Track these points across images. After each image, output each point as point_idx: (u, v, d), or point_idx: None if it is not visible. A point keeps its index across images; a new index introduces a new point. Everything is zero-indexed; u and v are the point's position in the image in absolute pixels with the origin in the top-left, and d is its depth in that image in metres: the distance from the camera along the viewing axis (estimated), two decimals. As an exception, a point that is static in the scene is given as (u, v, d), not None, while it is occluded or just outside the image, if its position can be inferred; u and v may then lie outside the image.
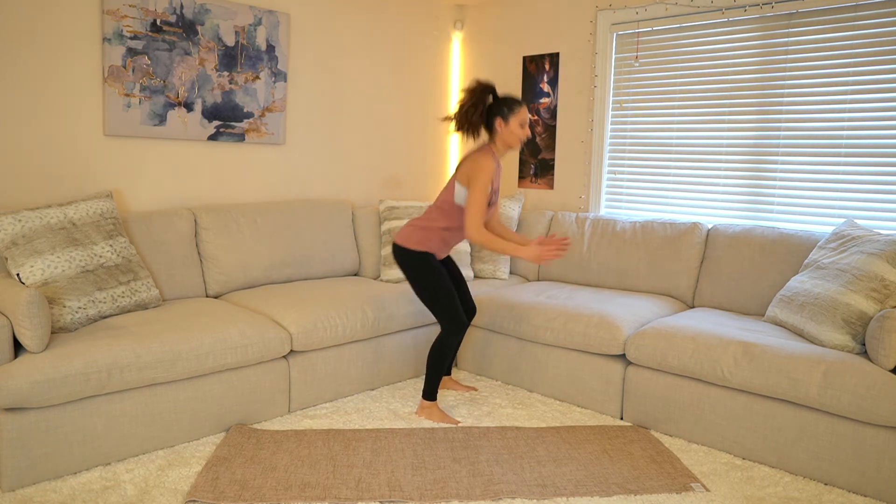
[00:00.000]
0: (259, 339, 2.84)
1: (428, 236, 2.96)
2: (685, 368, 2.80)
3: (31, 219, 2.67)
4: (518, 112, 2.91)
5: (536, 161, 4.52)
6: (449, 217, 2.96)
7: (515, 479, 2.44)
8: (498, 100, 2.93)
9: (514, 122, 2.91)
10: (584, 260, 3.89)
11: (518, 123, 2.91)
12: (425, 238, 2.96)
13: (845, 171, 3.32)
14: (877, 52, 3.20)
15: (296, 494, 2.29)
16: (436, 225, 2.97)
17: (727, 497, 2.37)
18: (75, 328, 2.61)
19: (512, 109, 2.90)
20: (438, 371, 2.98)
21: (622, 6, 4.00)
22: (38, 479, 2.33)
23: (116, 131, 3.25)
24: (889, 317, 2.44)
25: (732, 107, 3.67)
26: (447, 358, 2.97)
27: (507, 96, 2.94)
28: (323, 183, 4.19)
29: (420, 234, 2.97)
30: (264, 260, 3.54)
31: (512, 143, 2.95)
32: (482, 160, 2.84)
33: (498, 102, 2.92)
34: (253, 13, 3.67)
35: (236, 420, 2.84)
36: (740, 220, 3.69)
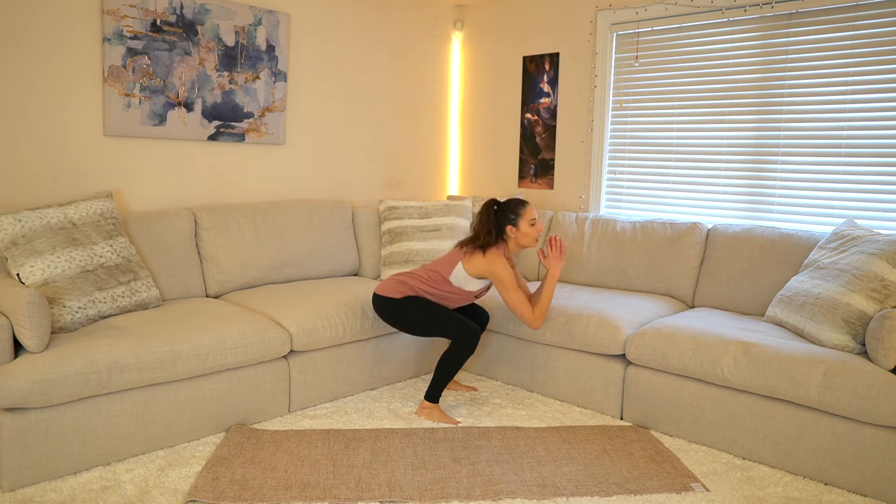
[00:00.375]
0: (259, 339, 2.83)
1: (412, 290, 3.01)
2: (685, 368, 2.80)
3: (31, 219, 2.67)
4: (524, 213, 3.00)
5: (536, 161, 4.52)
6: (436, 284, 3.01)
7: (515, 479, 2.44)
8: (502, 207, 3.01)
9: (524, 224, 3.00)
10: (584, 260, 3.89)
11: (528, 223, 3.00)
12: (409, 290, 3.01)
13: (845, 171, 3.32)
14: (877, 52, 3.20)
15: (296, 494, 2.29)
16: (422, 287, 3.01)
17: (727, 497, 2.37)
18: (75, 328, 2.61)
19: (518, 214, 3.00)
20: (448, 377, 2.98)
21: (622, 6, 4.00)
22: (38, 479, 2.33)
23: (116, 131, 3.25)
24: (889, 317, 2.44)
25: (732, 107, 3.67)
26: (459, 366, 2.97)
27: (509, 201, 3.02)
28: (323, 183, 4.19)
29: (404, 288, 3.01)
30: (264, 260, 3.54)
31: (527, 244, 3.04)
32: (497, 264, 2.93)
33: (503, 210, 3.01)
34: (253, 13, 3.67)
35: (236, 420, 2.84)
36: (740, 220, 3.69)
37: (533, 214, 3.01)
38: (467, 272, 2.98)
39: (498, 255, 2.94)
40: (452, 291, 3.02)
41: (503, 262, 2.93)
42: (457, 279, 2.99)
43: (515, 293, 2.95)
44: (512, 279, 2.93)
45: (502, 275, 2.92)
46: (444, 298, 3.04)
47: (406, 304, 2.97)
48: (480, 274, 2.98)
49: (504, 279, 2.92)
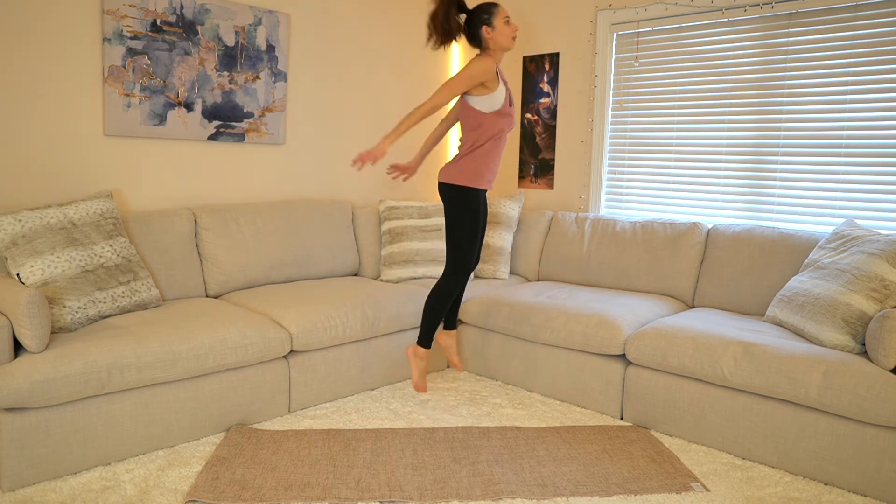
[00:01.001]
0: (259, 339, 2.84)
1: (470, 165, 2.97)
2: (685, 368, 2.80)
3: (31, 219, 2.67)
4: (497, 11, 2.91)
5: (536, 161, 4.52)
6: (476, 133, 2.96)
7: (515, 479, 2.44)
8: (472, 11, 2.94)
9: (499, 21, 2.91)
10: (584, 260, 3.89)
11: (502, 21, 2.91)
12: (468, 169, 2.97)
13: (845, 171, 3.32)
14: (877, 52, 3.20)
15: (296, 494, 2.29)
16: (471, 150, 2.98)
17: (727, 497, 2.37)
18: (75, 328, 2.61)
19: (491, 13, 2.91)
20: (437, 318, 3.03)
21: (622, 6, 4.00)
22: (38, 479, 2.33)
23: (116, 131, 3.25)
24: (889, 317, 2.44)
25: (732, 107, 3.67)
26: (446, 306, 3.02)
27: (478, 4, 2.95)
28: (323, 183, 4.19)
29: (459, 167, 2.99)
30: (264, 260, 3.54)
31: (506, 43, 2.93)
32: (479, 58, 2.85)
33: (474, 13, 2.93)
34: (253, 13, 3.67)
35: (236, 420, 2.84)
36: (740, 220, 3.69)
37: (506, 13, 2.92)
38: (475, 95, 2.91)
39: (484, 57, 2.86)
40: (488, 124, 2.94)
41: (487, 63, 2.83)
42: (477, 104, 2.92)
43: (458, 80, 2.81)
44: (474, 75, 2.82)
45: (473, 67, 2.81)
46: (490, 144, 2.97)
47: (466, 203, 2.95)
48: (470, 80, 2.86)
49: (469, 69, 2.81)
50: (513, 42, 2.95)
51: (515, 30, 2.94)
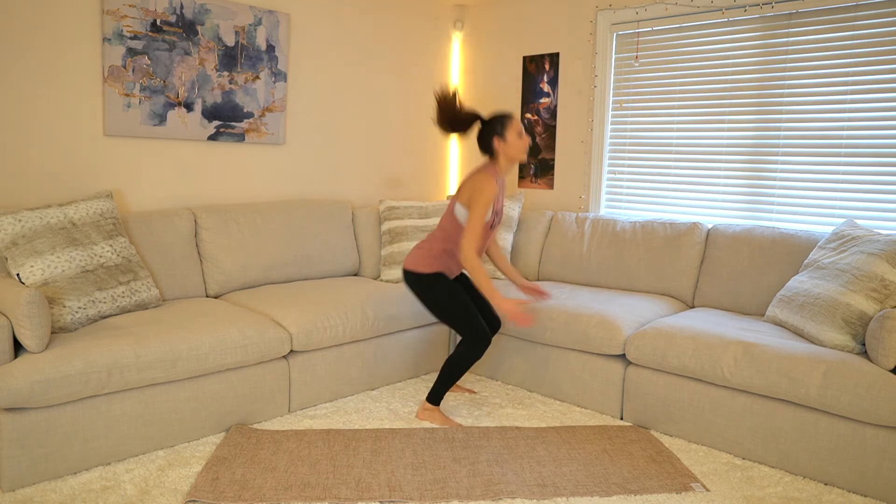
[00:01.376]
0: (259, 339, 2.84)
1: (435, 256, 2.95)
2: (685, 368, 2.80)
3: (31, 219, 2.67)
4: (511, 124, 2.91)
5: (536, 161, 4.52)
6: (452, 238, 2.95)
7: (515, 479, 2.44)
8: (487, 122, 2.93)
9: (511, 135, 2.90)
10: (584, 260, 3.89)
11: (515, 135, 2.90)
12: (433, 259, 2.94)
13: (845, 171, 3.32)
14: (877, 52, 3.20)
15: (296, 494, 2.29)
16: (440, 246, 2.95)
17: (727, 497, 2.37)
18: (75, 328, 2.61)
19: (505, 125, 2.90)
20: (452, 380, 2.95)
21: (622, 6, 4.00)
22: (38, 479, 2.33)
23: (116, 131, 3.25)
24: (889, 317, 2.44)
25: (732, 107, 3.67)
26: (465, 369, 2.93)
27: (494, 114, 2.94)
28: (323, 183, 4.19)
29: (427, 256, 2.95)
30: (264, 260, 3.54)
31: (515, 156, 2.94)
32: (484, 182, 2.82)
33: (489, 123, 2.92)
34: (253, 13, 3.67)
35: (236, 420, 2.84)
36: (740, 220, 3.69)
37: (519, 126, 2.91)
38: (463, 205, 2.89)
39: (490, 179, 2.83)
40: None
41: (492, 190, 2.80)
42: (462, 217, 2.91)
43: (479, 220, 2.79)
44: (486, 210, 2.80)
45: (483, 199, 2.79)
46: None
47: (434, 281, 2.91)
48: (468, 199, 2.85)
49: (482, 202, 2.79)
50: (524, 155, 2.95)
51: (528, 143, 2.94)
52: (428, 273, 2.93)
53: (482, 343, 2.88)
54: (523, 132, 2.93)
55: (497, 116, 2.92)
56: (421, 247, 2.99)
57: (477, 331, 2.88)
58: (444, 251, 2.95)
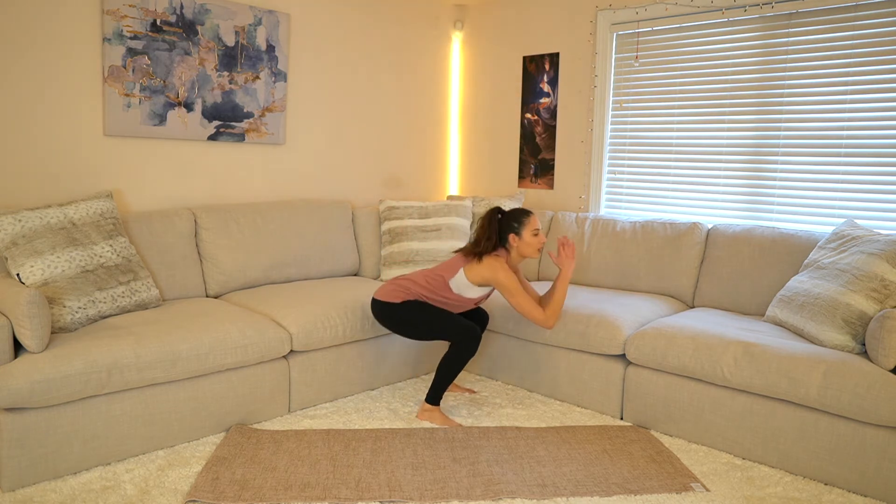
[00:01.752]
0: (259, 339, 2.84)
1: (412, 294, 2.97)
2: (685, 368, 2.80)
3: (31, 219, 2.67)
4: (528, 223, 2.96)
5: (536, 161, 4.52)
6: (436, 290, 2.97)
7: (515, 479, 2.44)
8: (506, 216, 2.98)
9: (527, 233, 2.96)
10: (584, 260, 3.89)
11: (531, 233, 2.96)
12: (408, 295, 2.97)
13: (845, 171, 3.32)
14: (877, 52, 3.20)
15: (296, 494, 2.29)
16: (420, 293, 2.97)
17: (727, 497, 2.37)
18: (75, 328, 2.61)
19: (521, 223, 2.96)
20: (448, 380, 2.95)
21: (622, 6, 4.00)
22: (38, 479, 2.33)
23: (116, 131, 3.25)
24: (889, 317, 2.44)
25: (732, 107, 3.67)
26: (460, 368, 2.94)
27: (514, 210, 2.99)
28: (323, 183, 4.19)
29: (402, 292, 2.97)
30: (264, 260, 3.54)
31: (529, 255, 3.00)
32: (500, 271, 2.90)
33: (507, 218, 2.98)
34: (253, 13, 3.67)
35: (236, 420, 2.84)
36: (740, 220, 3.69)
37: (536, 224, 2.98)
38: (469, 279, 2.94)
39: (500, 261, 2.92)
40: (452, 298, 2.99)
41: (506, 269, 2.91)
42: (457, 286, 2.96)
43: (522, 297, 2.92)
44: (517, 283, 2.90)
45: (506, 281, 2.89)
46: (444, 304, 3.01)
47: (405, 308, 2.95)
48: (483, 282, 2.95)
49: (508, 285, 2.90)
50: (537, 253, 3.00)
51: (541, 242, 2.99)
52: (397, 303, 2.96)
53: (471, 340, 2.90)
54: (540, 231, 2.99)
55: (515, 213, 2.98)
56: (398, 284, 3.00)
57: (461, 330, 2.89)
58: (421, 294, 2.98)
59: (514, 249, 2.99)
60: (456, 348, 2.91)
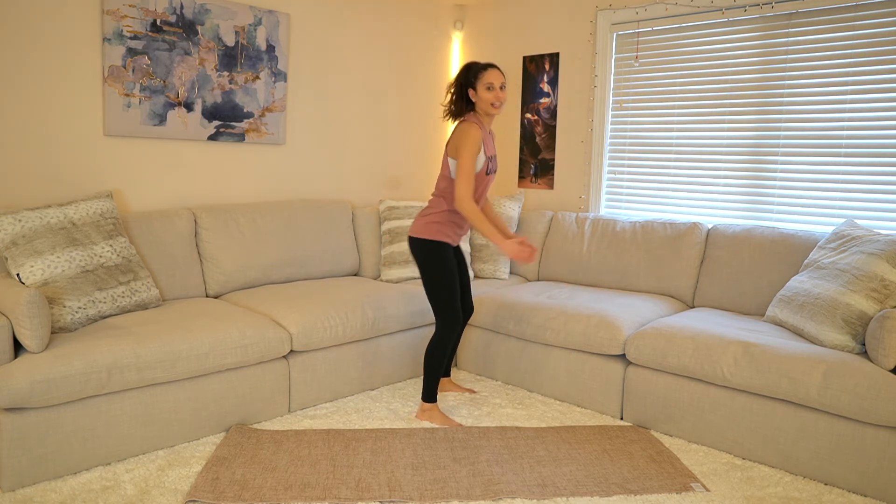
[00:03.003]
0: (259, 339, 2.84)
1: (438, 223, 2.93)
2: (685, 368, 2.80)
3: (31, 219, 2.67)
4: (482, 76, 2.86)
5: (536, 161, 4.52)
6: (449, 196, 2.94)
7: (515, 479, 2.44)
8: (466, 71, 2.91)
9: (481, 87, 2.86)
10: (584, 260, 3.89)
11: (484, 87, 2.85)
12: (436, 226, 2.93)
13: (845, 171, 3.32)
14: (877, 52, 3.20)
15: (296, 494, 2.29)
16: (441, 209, 2.94)
17: (727, 497, 2.37)
18: (75, 328, 2.61)
19: (477, 76, 2.87)
20: (436, 371, 2.97)
21: (622, 6, 4.00)
22: (38, 479, 2.33)
23: (116, 131, 3.25)
24: (889, 317, 2.44)
25: (732, 107, 3.67)
26: (444, 357, 2.95)
27: (471, 64, 2.91)
28: (323, 183, 4.19)
29: (431, 224, 2.93)
30: (264, 260, 3.54)
31: (485, 109, 2.88)
32: (467, 129, 2.81)
33: (466, 73, 2.90)
34: (253, 13, 3.67)
35: (236, 420, 2.84)
36: (740, 220, 3.69)
37: (490, 79, 2.85)
38: (453, 159, 2.86)
39: (473, 125, 2.82)
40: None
41: (476, 135, 2.79)
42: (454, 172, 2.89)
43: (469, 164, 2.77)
44: (474, 155, 2.78)
45: (469, 144, 2.77)
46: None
47: (436, 250, 2.89)
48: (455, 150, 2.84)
49: (468, 147, 2.77)
50: (493, 109, 2.87)
51: (496, 98, 2.87)
52: (431, 240, 2.92)
53: (454, 327, 2.92)
54: (495, 85, 2.86)
55: (472, 67, 2.90)
56: (424, 214, 2.98)
57: (452, 315, 2.91)
58: (446, 214, 2.94)
59: (476, 105, 2.90)
60: (437, 333, 2.93)
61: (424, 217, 2.97)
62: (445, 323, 2.92)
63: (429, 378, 2.97)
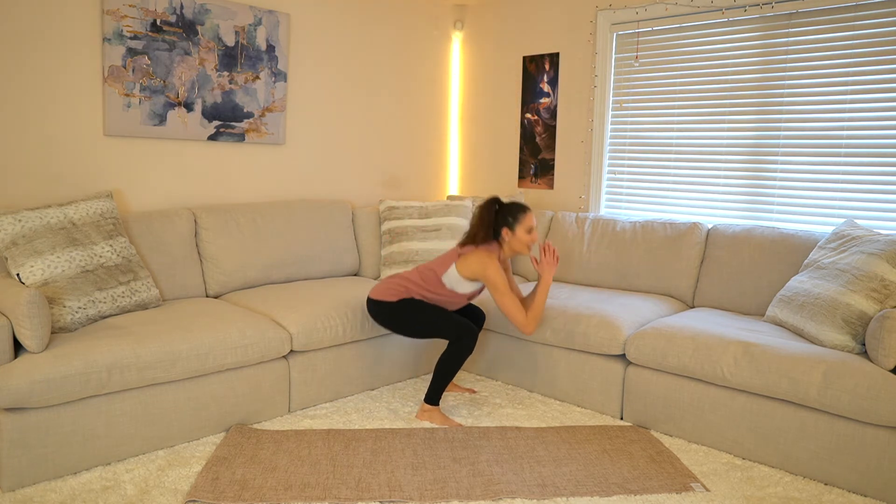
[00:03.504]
0: (259, 339, 2.84)
1: (407, 292, 2.97)
2: (685, 368, 2.80)
3: (31, 219, 2.67)
4: (523, 220, 2.93)
5: (536, 161, 4.52)
6: (429, 286, 2.97)
7: (515, 479, 2.44)
8: (503, 208, 2.95)
9: (521, 230, 2.93)
10: (584, 260, 3.89)
11: (524, 230, 2.94)
12: (402, 291, 2.97)
13: (845, 171, 3.32)
14: (877, 52, 3.20)
15: (296, 494, 2.29)
16: (413, 290, 2.97)
17: (727, 497, 2.37)
18: (75, 328, 2.61)
19: (517, 219, 2.93)
20: (447, 379, 2.95)
21: (622, 6, 4.00)
22: (38, 479, 2.33)
23: (116, 131, 3.25)
24: (889, 317, 2.44)
25: (732, 107, 3.67)
26: (458, 366, 2.94)
27: (511, 204, 2.96)
28: (323, 183, 4.19)
29: (398, 290, 2.97)
30: (264, 260, 3.54)
31: (520, 251, 2.97)
32: (489, 266, 2.87)
33: (503, 212, 2.95)
34: (253, 13, 3.67)
35: (236, 420, 2.84)
36: (740, 220, 3.69)
37: (532, 222, 2.96)
38: (460, 274, 2.94)
39: (491, 257, 2.90)
40: (445, 294, 2.98)
41: (496, 265, 2.88)
42: (449, 280, 2.96)
43: (508, 297, 2.89)
44: (504, 282, 2.89)
45: (494, 278, 2.87)
46: (438, 301, 3.01)
47: (401, 307, 2.95)
48: (473, 276, 2.93)
49: (496, 282, 2.87)
50: (528, 251, 2.97)
51: (534, 240, 2.96)
52: (393, 301, 2.96)
53: (469, 338, 2.89)
54: (534, 229, 2.96)
55: (513, 207, 2.95)
56: (393, 282, 3.00)
57: (458, 328, 2.89)
58: (419, 291, 2.97)
59: (506, 244, 2.98)
60: (453, 347, 2.90)
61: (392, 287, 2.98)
62: (460, 336, 2.89)
63: (438, 383, 2.95)
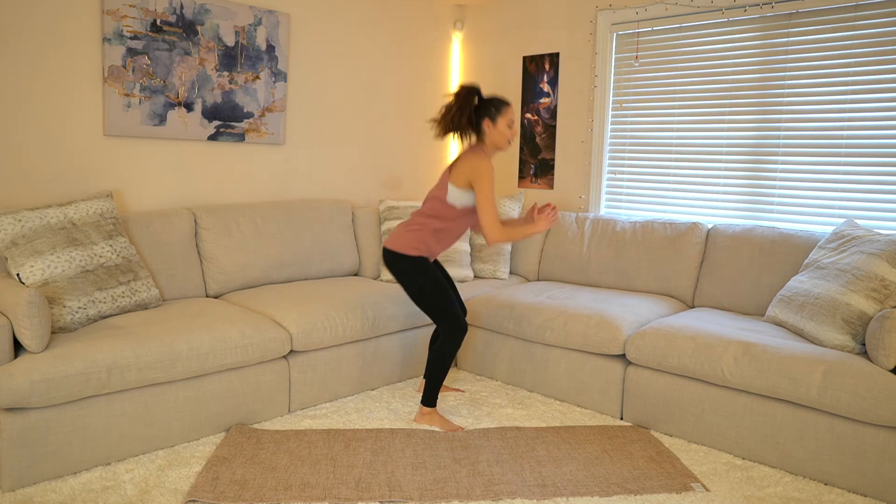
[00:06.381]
0: (259, 339, 2.84)
1: (421, 238, 2.90)
2: (685, 368, 2.80)
3: (31, 219, 2.67)
4: (505, 112, 2.89)
5: (536, 161, 4.52)
6: (440, 217, 2.91)
7: (515, 479, 2.44)
8: (484, 101, 2.90)
9: (502, 122, 2.88)
10: (584, 260, 3.89)
11: (506, 124, 2.89)
12: (418, 240, 2.89)
13: (845, 171, 3.33)
14: (877, 52, 3.20)
15: (296, 494, 2.29)
16: (428, 226, 2.91)
17: (727, 497, 2.37)
18: (75, 328, 2.61)
19: (499, 110, 2.88)
20: (440, 378, 2.94)
21: (622, 6, 4.00)
22: (38, 479, 2.33)
23: (116, 131, 3.25)
24: (889, 317, 2.44)
25: (732, 107, 3.67)
26: (449, 362, 2.93)
27: (493, 97, 2.91)
28: (323, 183, 4.19)
29: (413, 237, 2.90)
30: (264, 260, 3.54)
31: (500, 144, 2.91)
32: (480, 162, 2.80)
33: (484, 104, 2.89)
34: (253, 13, 3.67)
35: (236, 420, 2.84)
36: (740, 220, 3.69)
37: (513, 117, 2.91)
38: (457, 186, 2.85)
39: (484, 158, 2.82)
40: (455, 214, 2.90)
41: (489, 164, 2.80)
42: (452, 198, 2.88)
43: (491, 197, 2.79)
44: (493, 187, 2.80)
45: (485, 174, 2.77)
46: (453, 229, 2.94)
47: (417, 265, 2.87)
48: (466, 179, 2.83)
49: (486, 181, 2.78)
50: (507, 145, 2.93)
51: (513, 135, 2.93)
52: (412, 256, 2.89)
53: (461, 334, 2.89)
54: (514, 123, 2.92)
55: (494, 99, 2.90)
56: (406, 227, 2.93)
57: (455, 320, 2.88)
58: (432, 231, 2.91)
59: (486, 136, 2.90)
60: (443, 340, 2.89)
61: (406, 229, 2.93)
62: (453, 329, 2.88)
63: (431, 383, 2.95)
